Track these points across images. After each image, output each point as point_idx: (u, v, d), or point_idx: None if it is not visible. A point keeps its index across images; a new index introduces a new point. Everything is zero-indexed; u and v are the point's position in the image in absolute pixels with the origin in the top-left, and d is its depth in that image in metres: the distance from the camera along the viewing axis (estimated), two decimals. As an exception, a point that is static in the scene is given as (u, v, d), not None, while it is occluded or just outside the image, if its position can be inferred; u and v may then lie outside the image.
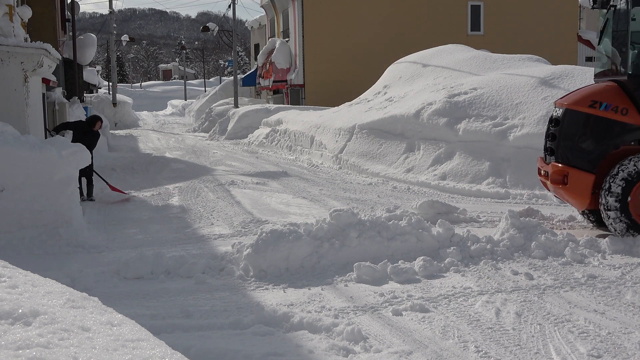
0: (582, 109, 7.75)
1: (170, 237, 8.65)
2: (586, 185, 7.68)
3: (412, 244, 7.14)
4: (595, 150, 7.69)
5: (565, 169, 7.78)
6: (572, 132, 7.82)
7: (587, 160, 7.70)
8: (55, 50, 12.73)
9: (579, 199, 7.83)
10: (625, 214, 7.44)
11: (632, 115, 7.61)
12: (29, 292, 3.19)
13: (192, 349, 4.51)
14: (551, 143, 8.06)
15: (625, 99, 7.65)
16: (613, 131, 7.64)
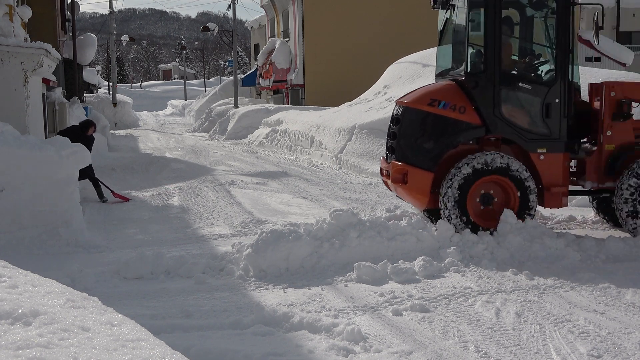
0: (421, 107, 7.73)
1: (170, 237, 8.65)
2: (425, 184, 7.68)
3: (412, 244, 7.14)
4: (434, 149, 7.68)
5: (405, 168, 7.73)
6: (411, 130, 7.81)
7: (426, 159, 7.68)
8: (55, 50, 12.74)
9: (419, 198, 7.83)
10: (462, 212, 7.48)
11: (470, 114, 7.62)
12: (29, 292, 3.19)
13: (192, 349, 4.51)
14: (392, 142, 8.02)
15: (463, 98, 7.66)
16: (451, 130, 7.64)
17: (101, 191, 11.67)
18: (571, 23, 7.80)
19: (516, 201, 7.53)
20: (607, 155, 7.86)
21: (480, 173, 7.43)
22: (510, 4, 8.16)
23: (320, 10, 29.77)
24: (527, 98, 7.80)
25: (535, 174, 7.70)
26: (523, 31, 8.45)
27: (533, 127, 7.74)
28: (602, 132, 7.85)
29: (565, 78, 7.72)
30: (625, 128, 7.88)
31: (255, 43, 44.01)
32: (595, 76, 12.98)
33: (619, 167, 7.81)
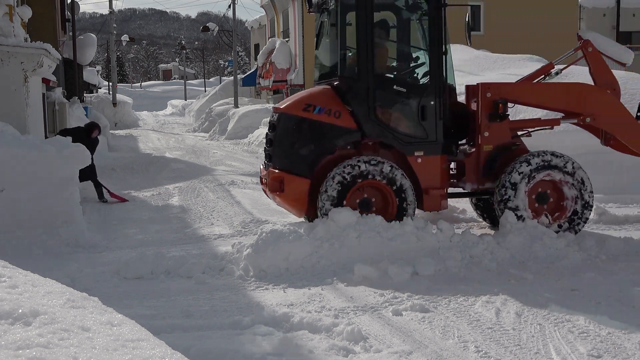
0: (296, 113, 7.56)
1: (170, 237, 8.65)
2: (302, 191, 7.52)
3: (412, 244, 7.13)
4: (310, 155, 7.52)
5: (281, 175, 7.54)
6: (287, 137, 7.61)
7: (303, 166, 7.52)
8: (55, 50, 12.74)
9: (296, 206, 7.67)
10: None
11: (345, 118, 7.50)
12: (29, 292, 3.19)
13: (192, 349, 4.51)
14: (269, 149, 7.86)
15: (339, 102, 7.52)
16: (327, 135, 7.51)
17: (101, 192, 11.67)
18: (443, 25, 7.74)
19: (394, 205, 7.42)
20: (485, 156, 7.86)
21: (356, 178, 7.29)
22: (382, 6, 8.07)
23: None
24: (403, 101, 7.70)
25: (413, 177, 7.62)
26: (397, 34, 8.36)
27: (409, 130, 7.66)
28: (480, 133, 7.83)
29: (439, 80, 7.64)
30: (501, 128, 7.88)
31: (255, 43, 43.99)
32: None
33: (496, 168, 7.81)
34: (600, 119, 8.10)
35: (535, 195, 7.71)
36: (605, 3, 37.12)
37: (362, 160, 7.34)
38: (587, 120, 8.06)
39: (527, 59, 17.10)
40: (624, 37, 36.87)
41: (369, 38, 7.50)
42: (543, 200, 7.76)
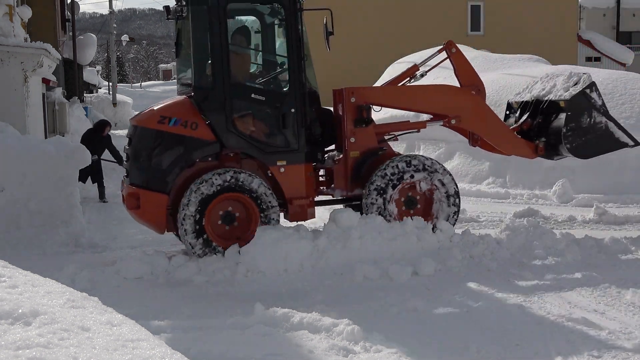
0: (150, 125, 7.20)
1: (170, 237, 8.63)
2: (160, 208, 7.17)
3: (413, 244, 7.13)
4: (167, 169, 7.16)
5: (137, 192, 7.17)
6: (142, 150, 7.24)
7: (159, 181, 7.16)
8: (55, 50, 12.74)
9: (155, 223, 7.29)
10: (201, 234, 7.02)
11: (202, 129, 7.17)
12: (29, 292, 3.19)
13: (192, 349, 4.51)
14: (127, 164, 7.51)
15: (196, 113, 7.19)
16: (185, 147, 7.16)
17: (103, 192, 11.68)
18: (302, 30, 7.57)
19: (257, 218, 7.14)
20: (352, 162, 7.65)
21: (216, 192, 7.00)
22: (237, 12, 7.81)
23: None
24: (262, 110, 7.43)
25: (278, 188, 7.37)
26: (255, 41, 8.11)
27: (270, 140, 7.40)
28: (346, 139, 7.64)
29: (300, 87, 7.41)
30: (367, 134, 7.70)
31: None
32: (595, 76, 12.97)
33: (364, 174, 7.60)
34: (466, 120, 8.00)
35: (404, 199, 7.58)
36: (605, 3, 37.13)
37: (217, 173, 7.04)
38: (453, 122, 7.97)
39: (527, 59, 17.08)
40: (624, 37, 36.89)
41: (223, 46, 7.16)
42: (411, 205, 7.60)
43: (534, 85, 8.68)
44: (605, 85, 12.49)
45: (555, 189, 10.59)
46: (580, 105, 7.77)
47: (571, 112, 7.73)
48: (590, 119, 7.81)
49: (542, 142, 8.04)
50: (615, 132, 7.98)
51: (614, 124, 7.96)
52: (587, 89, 7.85)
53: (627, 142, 8.08)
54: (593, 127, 7.83)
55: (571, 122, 7.75)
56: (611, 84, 12.52)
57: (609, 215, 8.98)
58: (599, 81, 12.64)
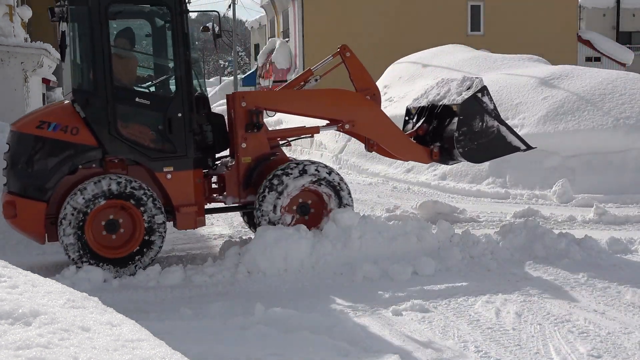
0: (29, 131, 6.85)
1: (170, 237, 8.64)
2: (38, 216, 6.79)
3: (413, 244, 7.13)
4: (46, 176, 6.81)
5: (13, 199, 6.80)
6: (20, 157, 6.86)
7: (37, 188, 6.80)
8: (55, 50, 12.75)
9: (33, 232, 6.90)
10: (81, 241, 6.68)
11: (84, 135, 6.85)
12: (29, 292, 3.19)
13: (192, 350, 4.50)
14: (5, 171, 7.10)
15: (77, 118, 6.90)
16: (65, 153, 6.83)
17: None
18: (188, 32, 7.23)
19: (142, 227, 6.82)
20: (244, 168, 7.44)
21: (96, 199, 6.67)
22: (120, 14, 7.48)
23: (320, 10, 29.77)
24: (147, 114, 7.15)
25: (165, 195, 7.10)
26: (141, 43, 7.87)
27: (156, 145, 7.09)
28: (238, 145, 7.44)
29: (187, 90, 7.13)
30: (259, 139, 7.50)
31: (255, 43, 44.02)
32: (595, 76, 12.98)
33: (255, 180, 7.41)
34: (360, 125, 7.91)
35: (296, 206, 7.32)
36: (605, 3, 37.15)
37: (96, 180, 6.72)
38: (347, 127, 7.85)
39: (527, 59, 17.07)
40: (624, 37, 36.90)
41: (105, 48, 6.89)
42: (305, 211, 7.38)
43: (431, 90, 8.62)
44: (605, 85, 12.50)
45: (555, 189, 10.59)
46: (472, 109, 7.75)
47: (463, 116, 7.71)
48: (482, 123, 7.81)
49: (437, 147, 8.01)
50: (507, 136, 7.97)
51: (506, 128, 7.96)
52: (479, 93, 7.80)
53: (519, 146, 8.06)
54: (485, 131, 7.83)
55: (463, 126, 7.74)
56: (611, 84, 12.52)
57: (609, 215, 8.98)
58: (599, 81, 12.67)
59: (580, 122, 11.63)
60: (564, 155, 11.40)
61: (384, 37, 29.62)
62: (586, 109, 11.90)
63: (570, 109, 12.02)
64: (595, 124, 11.49)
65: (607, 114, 11.64)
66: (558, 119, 11.89)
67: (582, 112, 11.83)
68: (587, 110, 11.84)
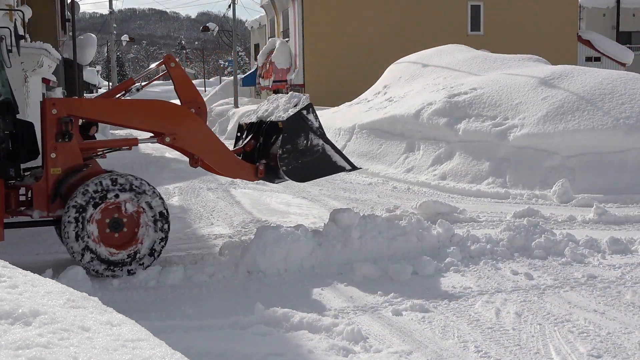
0: None
1: (170, 237, 8.63)
2: None
3: (413, 244, 7.14)
4: None
5: None
6: None
7: None
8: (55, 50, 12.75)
9: None
10: None
11: None
12: (29, 292, 3.19)
13: (192, 349, 4.51)
14: None
15: None
16: None
17: None
18: None
19: None
20: (53, 180, 6.86)
21: None
22: None
23: (320, 10, 29.77)
24: None
25: None
26: None
27: None
28: (47, 155, 6.88)
29: None
30: (70, 149, 6.93)
31: (255, 43, 44.01)
32: (595, 76, 12.99)
33: (65, 192, 6.87)
34: (182, 139, 7.40)
35: (108, 220, 6.73)
36: (605, 3, 37.15)
37: None
38: (168, 140, 7.32)
39: (527, 59, 17.08)
40: (624, 37, 36.90)
41: None
42: (117, 227, 6.78)
43: (262, 106, 8.36)
44: (605, 85, 12.51)
45: (555, 189, 10.59)
46: (297, 126, 7.50)
47: (287, 133, 7.45)
48: (307, 141, 7.57)
49: (263, 165, 7.70)
50: (332, 156, 7.76)
51: (331, 147, 7.74)
52: (304, 111, 7.56)
53: (344, 166, 7.87)
54: (310, 149, 7.60)
55: (287, 144, 7.47)
56: (611, 84, 12.53)
57: (609, 215, 8.99)
58: (599, 81, 12.68)
59: (580, 122, 11.63)
60: (564, 155, 11.40)
61: (384, 37, 29.62)
62: (586, 109, 11.90)
63: (570, 109, 12.02)
64: (595, 124, 11.49)
65: (607, 114, 11.65)
66: (558, 119, 11.89)
67: (582, 112, 11.84)
68: (587, 110, 11.84)
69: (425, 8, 30.47)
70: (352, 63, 29.32)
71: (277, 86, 32.25)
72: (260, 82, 34.89)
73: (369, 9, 30.00)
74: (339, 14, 29.80)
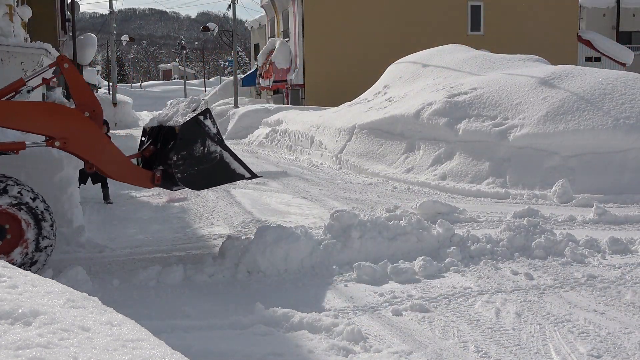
0: None
1: (170, 237, 8.65)
2: None
3: (413, 244, 7.14)
4: None
5: None
6: None
7: None
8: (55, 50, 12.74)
9: None
10: None
11: None
12: (29, 292, 3.19)
13: (191, 349, 4.51)
14: None
15: None
16: None
17: (108, 193, 11.67)
18: None
19: None
20: None
21: None
22: None
23: (320, 10, 29.77)
24: None
25: None
26: None
27: None
28: None
29: None
30: None
31: (255, 43, 44.01)
32: (595, 76, 12.99)
33: None
34: (74, 144, 7.02)
35: None
36: (605, 3, 37.16)
37: None
38: (58, 144, 6.95)
39: (527, 59, 17.08)
40: (624, 37, 36.90)
41: None
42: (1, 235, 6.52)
43: (165, 109, 8.07)
44: (605, 85, 12.51)
45: (555, 189, 10.59)
46: (193, 132, 7.15)
47: (183, 139, 7.10)
48: (203, 147, 7.21)
49: (160, 171, 7.32)
50: (231, 163, 7.43)
51: (229, 155, 7.42)
52: (201, 116, 7.23)
53: (243, 174, 7.55)
54: (207, 156, 7.24)
55: (182, 150, 7.11)
56: (611, 84, 12.53)
57: (609, 215, 8.99)
58: (599, 81, 12.68)
59: (580, 122, 11.63)
60: (564, 155, 11.40)
61: (384, 37, 29.62)
62: (586, 109, 11.90)
63: (570, 109, 12.02)
64: (595, 124, 11.49)
65: (607, 114, 11.65)
66: (558, 119, 11.89)
67: (582, 112, 11.84)
68: (587, 110, 11.85)
69: (425, 8, 30.47)
70: (352, 63, 29.33)
71: (277, 86, 32.26)
72: (260, 82, 34.89)
73: (369, 9, 30.00)
74: (339, 14, 29.80)
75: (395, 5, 30.23)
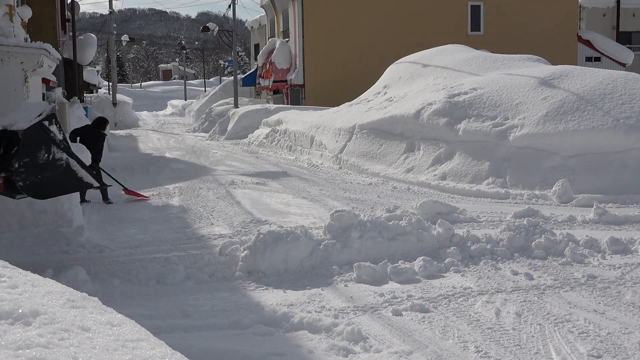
0: None
1: (170, 237, 8.65)
2: None
3: (413, 244, 7.14)
4: None
5: None
6: None
7: None
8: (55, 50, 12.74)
9: None
10: None
11: None
12: (29, 292, 3.19)
13: (192, 349, 4.51)
14: None
15: None
16: None
17: (107, 194, 11.67)
18: None
19: None
20: None
21: None
22: None
23: (320, 10, 29.76)
24: None
25: None
26: None
27: None
28: None
29: None
30: None
31: (255, 43, 44.00)
32: (595, 76, 12.99)
33: None
34: None
35: None
36: (605, 3, 37.14)
37: None
38: None
39: (527, 59, 17.08)
40: (624, 37, 36.89)
41: None
42: None
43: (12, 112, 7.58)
44: (605, 85, 12.51)
45: (555, 189, 10.59)
46: (37, 138, 6.71)
47: (26, 145, 6.65)
48: (48, 154, 6.80)
49: (2, 178, 6.89)
50: (78, 171, 7.07)
51: (76, 162, 7.06)
52: (46, 121, 6.78)
53: (91, 182, 7.26)
54: (52, 164, 6.85)
55: (25, 156, 6.67)
56: (611, 84, 12.53)
57: (609, 215, 8.99)
58: (599, 81, 12.68)
59: (580, 122, 11.63)
60: (564, 155, 11.40)
61: (384, 37, 29.62)
62: (586, 109, 11.90)
63: (570, 109, 12.02)
64: (595, 124, 11.49)
65: (607, 114, 11.64)
66: (558, 119, 11.89)
67: (582, 112, 11.84)
68: (587, 110, 11.84)
69: (426, 8, 30.46)
70: (352, 63, 29.32)
71: (277, 86, 32.24)
72: (260, 82, 34.87)
73: (369, 9, 30.00)
74: (339, 14, 29.79)
75: (395, 6, 30.22)
